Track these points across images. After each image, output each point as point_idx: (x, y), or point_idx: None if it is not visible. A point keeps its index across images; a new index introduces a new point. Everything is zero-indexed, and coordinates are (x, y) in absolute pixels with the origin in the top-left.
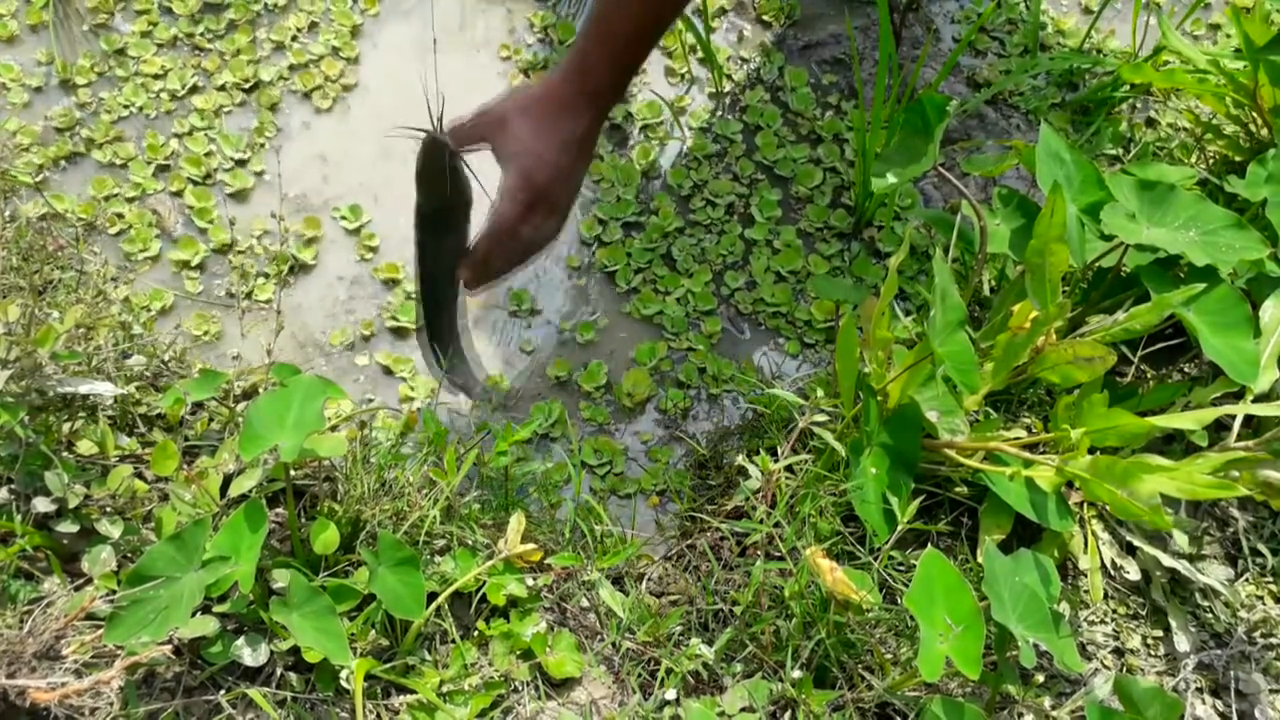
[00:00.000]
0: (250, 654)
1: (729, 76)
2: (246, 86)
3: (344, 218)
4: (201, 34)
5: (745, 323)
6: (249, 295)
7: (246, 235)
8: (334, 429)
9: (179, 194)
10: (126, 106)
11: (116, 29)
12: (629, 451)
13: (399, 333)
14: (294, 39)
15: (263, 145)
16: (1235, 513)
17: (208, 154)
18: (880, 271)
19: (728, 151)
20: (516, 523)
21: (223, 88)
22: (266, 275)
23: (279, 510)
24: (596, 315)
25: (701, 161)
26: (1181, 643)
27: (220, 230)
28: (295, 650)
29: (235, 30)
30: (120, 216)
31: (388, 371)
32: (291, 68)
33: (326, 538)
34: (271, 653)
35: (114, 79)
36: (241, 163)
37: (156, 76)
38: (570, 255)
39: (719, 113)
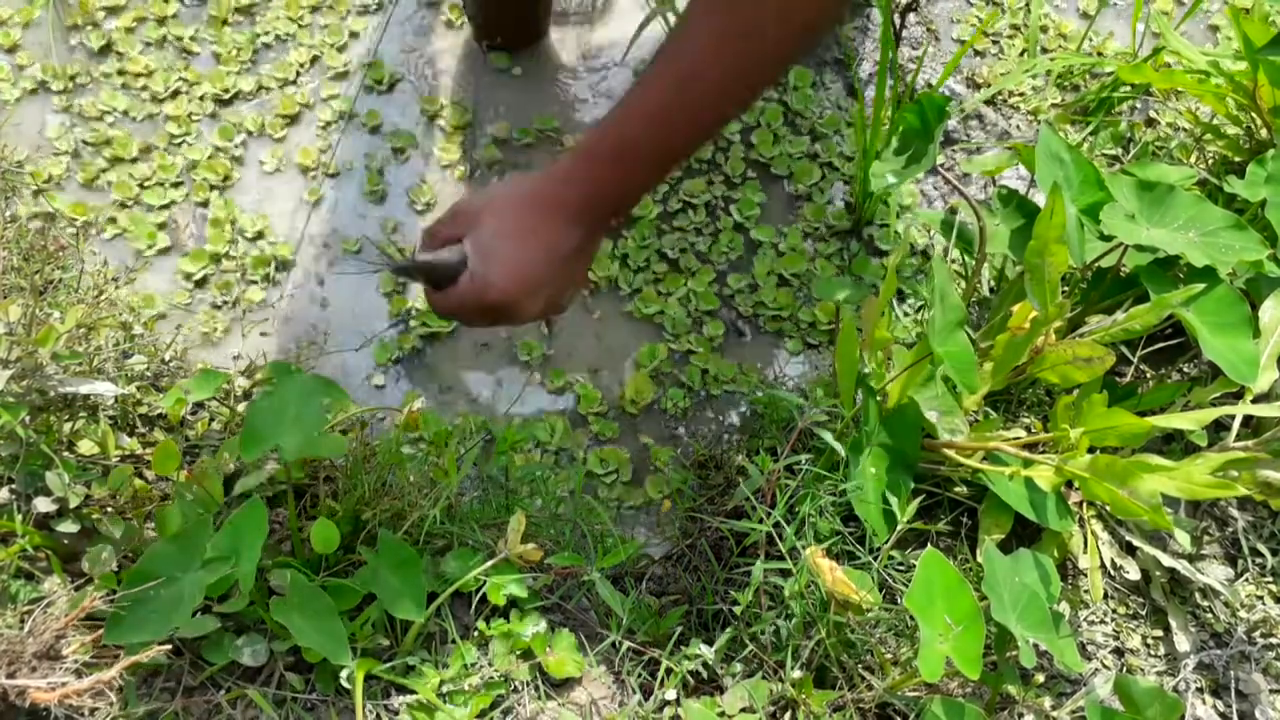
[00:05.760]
0: (250, 654)
1: None
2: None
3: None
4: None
5: (747, 325)
6: (235, 302)
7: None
8: (333, 429)
9: (204, 204)
10: (125, 112)
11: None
12: (634, 459)
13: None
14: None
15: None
16: (1235, 512)
17: (211, 156)
18: (880, 270)
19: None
20: (516, 523)
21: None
22: (254, 281)
23: (279, 510)
24: (598, 314)
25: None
26: (1181, 643)
27: (220, 240)
28: (295, 650)
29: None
30: (113, 221)
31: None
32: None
33: (327, 537)
34: (271, 652)
35: (99, 84)
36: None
37: (141, 72)
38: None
39: None
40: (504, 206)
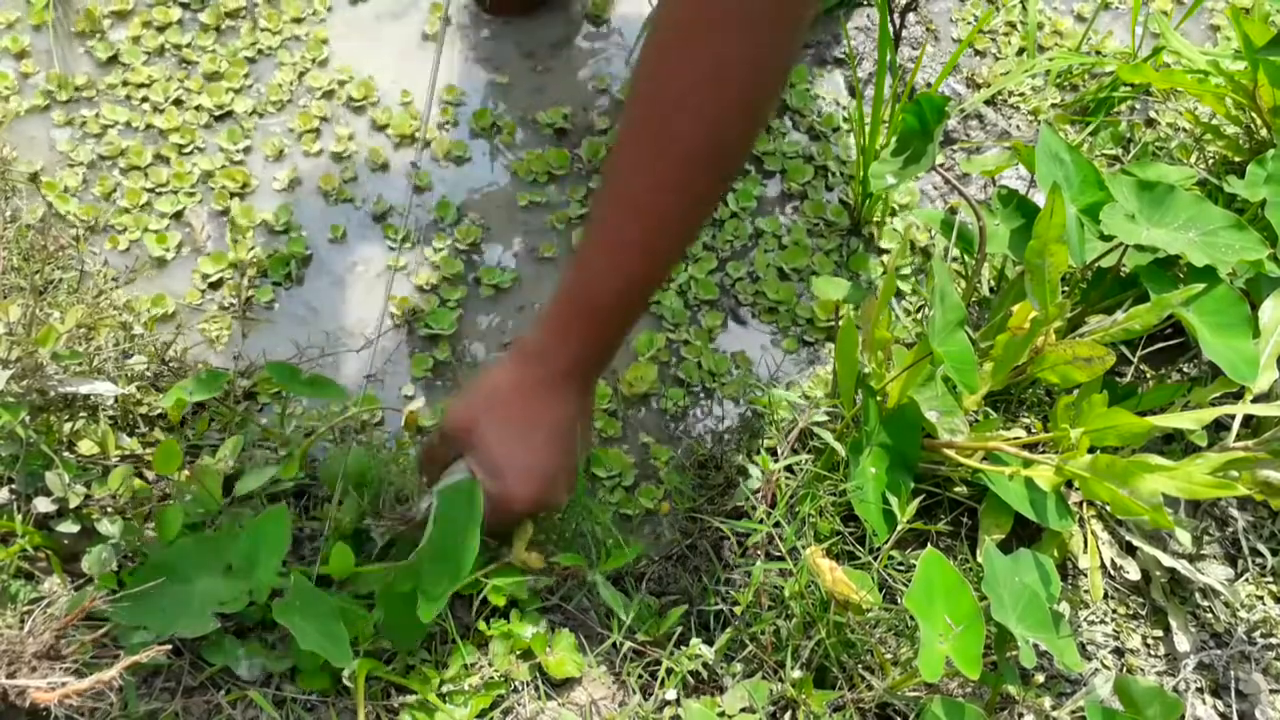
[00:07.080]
0: (247, 667)
1: None
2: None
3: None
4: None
5: (747, 312)
6: (248, 302)
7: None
8: (333, 428)
9: (224, 212)
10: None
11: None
12: (637, 464)
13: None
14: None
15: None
16: (1235, 512)
17: (223, 167)
18: (879, 267)
19: None
20: (522, 530)
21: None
22: (277, 283)
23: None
24: None
25: None
26: (1181, 643)
27: (241, 248)
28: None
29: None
30: (121, 229)
31: None
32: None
33: (344, 563)
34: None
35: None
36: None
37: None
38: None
39: None
40: (491, 410)
